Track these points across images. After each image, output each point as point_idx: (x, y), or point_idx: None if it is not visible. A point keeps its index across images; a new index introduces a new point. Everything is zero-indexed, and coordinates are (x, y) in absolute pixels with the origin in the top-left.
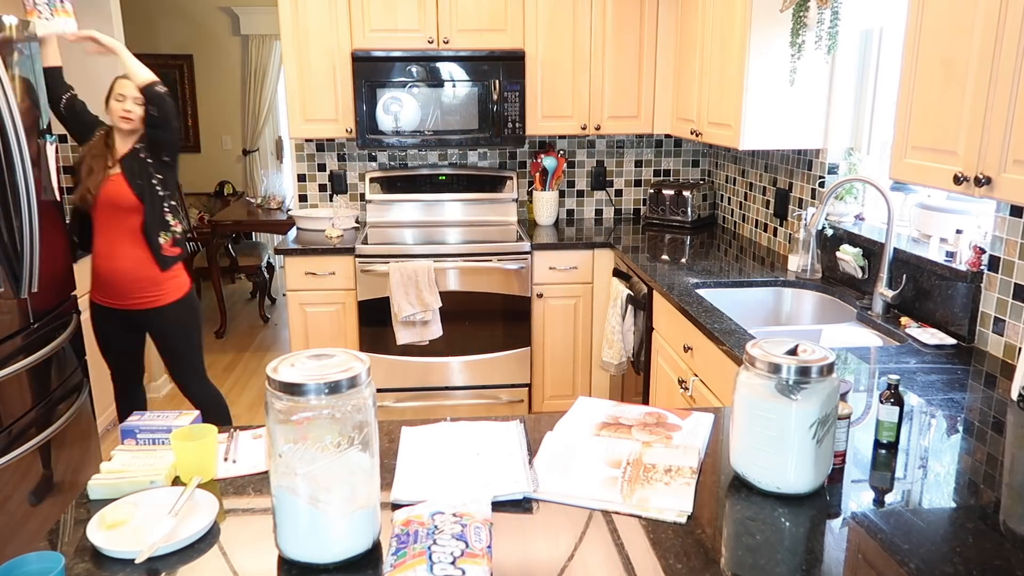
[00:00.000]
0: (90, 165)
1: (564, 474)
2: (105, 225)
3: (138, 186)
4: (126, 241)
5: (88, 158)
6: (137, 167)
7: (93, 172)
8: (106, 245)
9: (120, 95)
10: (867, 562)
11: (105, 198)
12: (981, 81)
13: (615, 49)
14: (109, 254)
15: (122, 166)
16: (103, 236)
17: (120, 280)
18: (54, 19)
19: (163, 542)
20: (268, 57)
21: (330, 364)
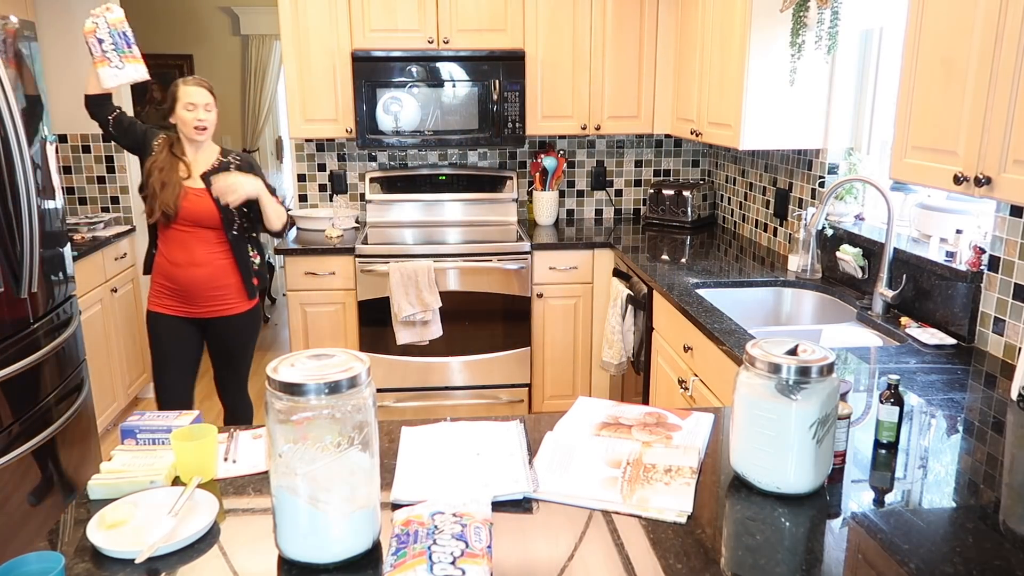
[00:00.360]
0: (162, 179)
1: (564, 474)
2: (185, 236)
3: (224, 208)
4: (208, 249)
5: (156, 172)
6: None
7: (167, 186)
8: (186, 253)
9: (190, 104)
10: (867, 562)
11: (187, 214)
12: (981, 81)
13: (615, 49)
14: (191, 261)
15: (206, 182)
16: (182, 245)
17: (200, 287)
18: (125, 67)
19: (163, 542)
20: (268, 57)
21: (330, 364)
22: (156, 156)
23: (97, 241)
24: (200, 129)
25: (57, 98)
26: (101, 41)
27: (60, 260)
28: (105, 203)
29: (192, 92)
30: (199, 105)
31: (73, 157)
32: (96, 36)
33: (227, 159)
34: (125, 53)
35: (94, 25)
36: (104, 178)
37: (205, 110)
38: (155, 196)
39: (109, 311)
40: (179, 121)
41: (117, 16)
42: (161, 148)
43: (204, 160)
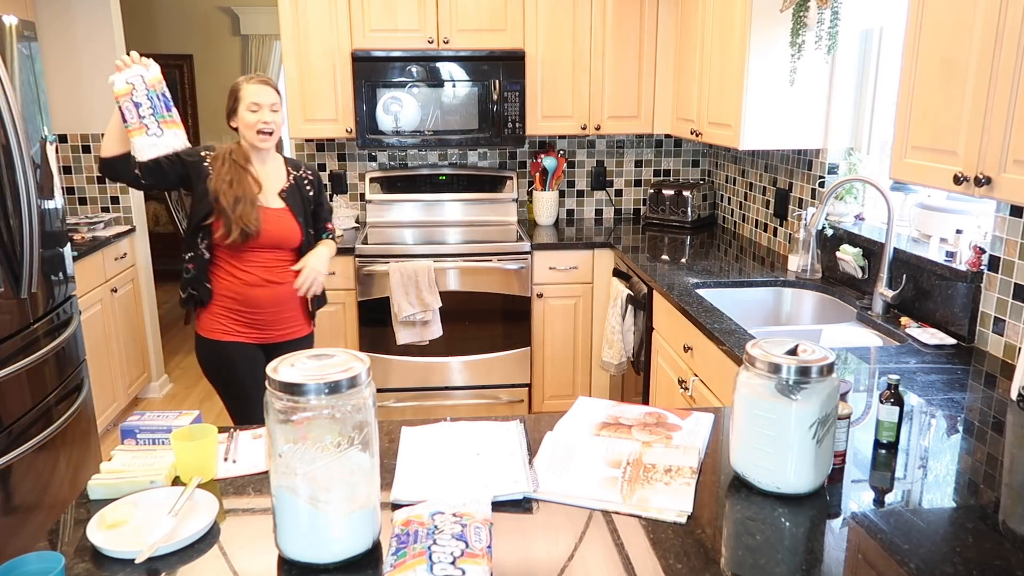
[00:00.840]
0: (234, 194)
1: (564, 474)
2: (261, 256)
3: (303, 224)
4: (282, 269)
5: (225, 187)
6: (300, 201)
7: (241, 201)
8: (262, 275)
9: (254, 104)
10: (867, 562)
11: (269, 237)
12: (981, 81)
13: (615, 49)
14: (267, 283)
15: (285, 200)
16: (254, 266)
17: (276, 310)
18: (164, 134)
19: (163, 542)
20: (268, 57)
21: (330, 364)
22: (219, 170)
23: (97, 241)
24: (265, 133)
25: (57, 98)
26: (138, 105)
27: (60, 260)
28: (105, 203)
29: (256, 91)
30: (264, 105)
31: (73, 157)
32: (132, 99)
33: (299, 173)
34: (164, 118)
35: (129, 86)
36: (104, 178)
37: (271, 111)
38: (229, 214)
39: (109, 311)
40: (241, 124)
41: (156, 75)
42: (221, 161)
43: (274, 173)
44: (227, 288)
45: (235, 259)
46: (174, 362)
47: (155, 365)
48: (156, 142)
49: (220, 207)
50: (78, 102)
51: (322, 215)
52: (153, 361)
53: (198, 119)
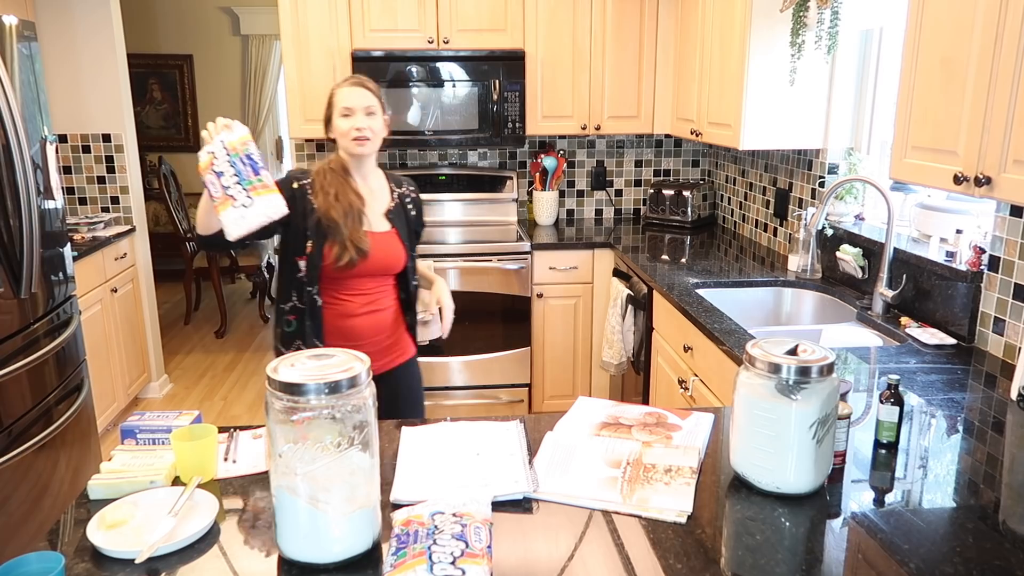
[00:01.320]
0: (343, 208)
1: (564, 474)
2: (361, 283)
3: (408, 247)
4: (384, 295)
5: (332, 200)
6: (405, 222)
7: (350, 216)
8: (362, 303)
9: (346, 109)
10: (867, 562)
11: (376, 263)
12: (981, 81)
13: (615, 49)
14: (370, 311)
15: (391, 222)
16: (355, 294)
17: (378, 339)
18: (255, 203)
19: (163, 542)
20: (268, 57)
21: (330, 364)
22: (321, 184)
23: (97, 241)
24: (360, 140)
25: (57, 98)
26: (220, 175)
27: (60, 260)
28: (105, 203)
29: (348, 94)
30: (357, 109)
31: (73, 157)
32: (214, 170)
33: (401, 190)
34: (252, 184)
35: (210, 156)
36: (104, 178)
37: (365, 115)
38: (342, 231)
39: (109, 311)
40: (336, 133)
41: (239, 136)
42: (322, 175)
43: (378, 192)
44: (327, 322)
45: (334, 287)
46: (174, 362)
47: (155, 365)
48: (245, 214)
49: (330, 225)
50: (78, 102)
51: (420, 235)
52: (153, 361)
53: (198, 119)
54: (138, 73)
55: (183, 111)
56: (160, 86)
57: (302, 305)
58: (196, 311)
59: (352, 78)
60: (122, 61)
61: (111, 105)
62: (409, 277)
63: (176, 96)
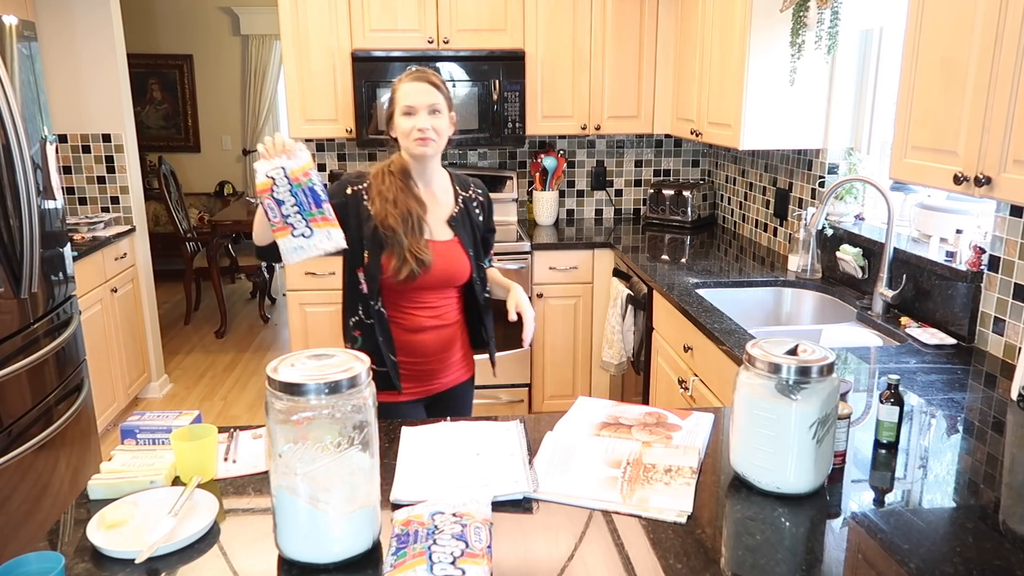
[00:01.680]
0: (400, 214)
1: (564, 474)
2: (424, 296)
3: (473, 257)
4: (448, 308)
5: (389, 207)
6: (470, 229)
7: (406, 227)
8: (427, 317)
9: (408, 107)
10: (867, 562)
11: (438, 271)
12: (981, 81)
13: (615, 49)
14: (435, 326)
15: (454, 229)
16: (419, 308)
17: (443, 355)
18: (314, 234)
19: (163, 542)
20: (268, 57)
21: (330, 364)
22: (378, 188)
23: (97, 241)
24: (422, 141)
25: (57, 98)
26: (280, 203)
27: (60, 260)
28: (105, 203)
29: (411, 90)
30: (420, 107)
31: (73, 157)
32: (273, 196)
33: (467, 194)
34: (312, 215)
35: (270, 180)
36: (104, 178)
37: (429, 113)
38: (401, 240)
39: (109, 311)
40: (398, 133)
41: (302, 165)
42: (380, 177)
43: (441, 196)
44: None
45: (398, 300)
46: (174, 362)
47: (155, 365)
48: (303, 244)
49: (388, 234)
50: (78, 102)
51: (491, 241)
52: (153, 361)
53: (198, 119)
54: (138, 73)
55: (183, 111)
56: (160, 86)
57: (368, 320)
58: (196, 311)
59: (415, 72)
60: (122, 61)
61: (111, 105)
62: (476, 289)
63: (176, 96)
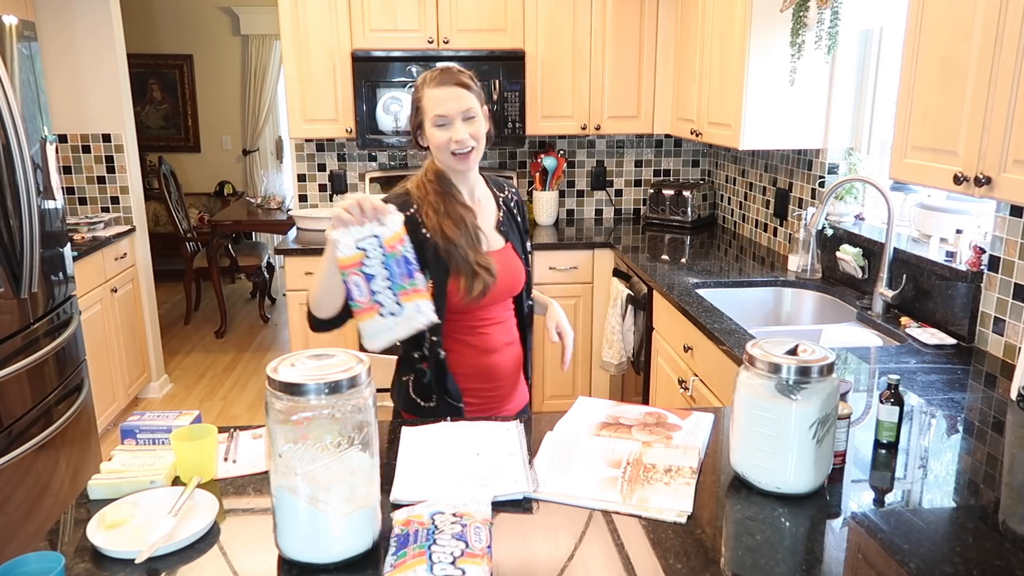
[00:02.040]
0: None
1: (564, 474)
2: (489, 312)
3: (526, 259)
4: (512, 320)
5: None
6: (517, 233)
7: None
8: (498, 335)
9: (440, 117)
10: (867, 562)
11: (503, 281)
12: (981, 81)
13: (615, 49)
14: (507, 343)
15: (504, 235)
16: (488, 325)
17: (516, 377)
18: (404, 310)
19: (163, 542)
20: (268, 57)
21: (330, 364)
22: (427, 200)
23: (97, 241)
24: (462, 156)
25: (57, 98)
26: (370, 278)
27: (60, 260)
28: (105, 203)
29: (440, 98)
30: (454, 116)
31: (73, 157)
32: (363, 270)
33: (505, 195)
34: (404, 288)
35: (360, 253)
36: (104, 178)
37: (464, 121)
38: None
39: (109, 311)
40: (431, 144)
41: (395, 231)
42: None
43: (484, 200)
44: (464, 364)
45: (462, 321)
46: (174, 362)
47: (155, 365)
48: (392, 324)
49: (449, 249)
50: (78, 102)
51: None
52: (153, 361)
53: (198, 120)
54: (138, 73)
55: (183, 111)
56: (160, 86)
57: (436, 351)
58: (196, 311)
59: (440, 73)
60: (122, 61)
61: (111, 105)
62: (523, 298)
63: (176, 96)
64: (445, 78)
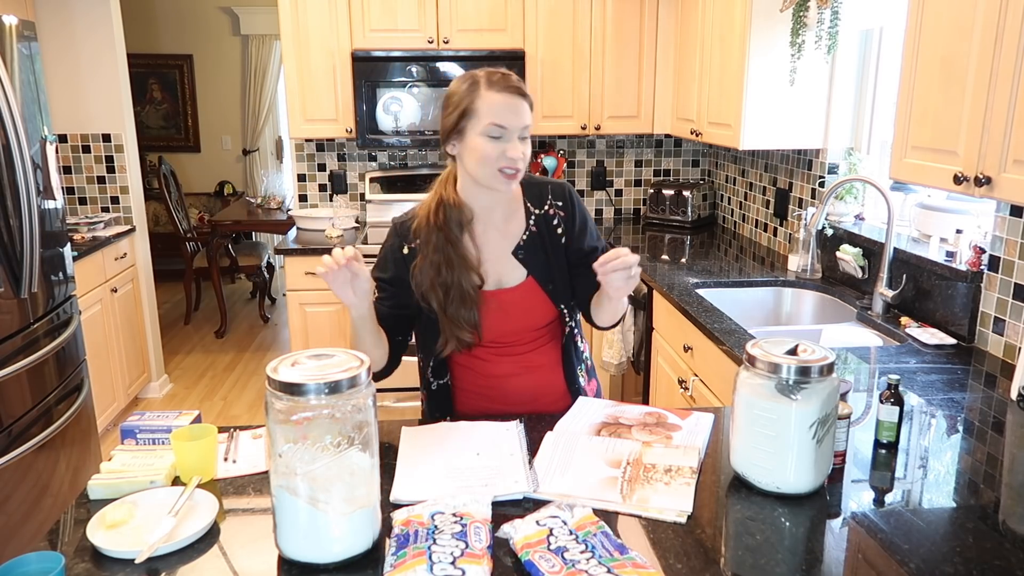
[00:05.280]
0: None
1: (564, 474)
2: (506, 345)
3: (552, 292)
4: (540, 347)
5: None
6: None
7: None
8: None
9: (498, 126)
10: (867, 562)
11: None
12: (981, 81)
13: (615, 49)
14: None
15: (523, 262)
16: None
17: (535, 398)
18: None
19: (163, 542)
20: (268, 57)
21: (330, 364)
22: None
23: (97, 241)
24: (511, 176)
25: (57, 98)
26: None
27: (60, 260)
28: (105, 203)
29: (504, 106)
30: (512, 130)
31: (73, 157)
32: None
33: (542, 211)
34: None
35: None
36: (104, 178)
37: (521, 138)
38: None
39: (109, 311)
40: (473, 154)
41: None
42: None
43: (505, 223)
44: (470, 382)
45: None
46: (174, 362)
47: (155, 365)
48: None
49: (430, 306)
50: (78, 102)
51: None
52: (153, 361)
53: (198, 120)
54: (138, 73)
55: (183, 111)
56: (160, 86)
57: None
58: (196, 311)
59: (501, 77)
60: (122, 61)
61: (111, 105)
62: (562, 325)
63: (176, 96)
64: (509, 85)
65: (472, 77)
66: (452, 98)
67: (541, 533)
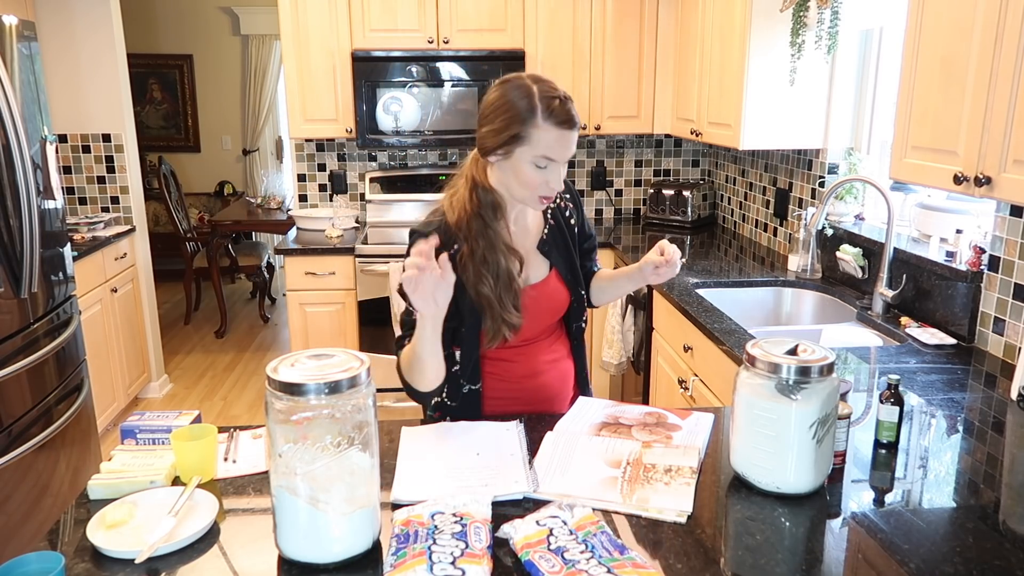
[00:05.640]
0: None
1: (564, 474)
2: (534, 338)
3: (571, 283)
4: (560, 337)
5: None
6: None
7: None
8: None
9: (546, 158)
10: (867, 562)
11: (533, 319)
12: (981, 81)
13: (615, 49)
14: (550, 363)
15: (547, 255)
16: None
17: (562, 396)
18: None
19: (163, 542)
20: (268, 57)
21: (330, 364)
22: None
23: (97, 241)
24: (547, 199)
25: (57, 98)
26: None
27: (60, 260)
28: (105, 203)
29: (560, 139)
30: (560, 162)
31: (73, 157)
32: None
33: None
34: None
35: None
36: (104, 178)
37: (564, 163)
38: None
39: (109, 311)
40: (517, 178)
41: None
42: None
43: (530, 219)
44: (496, 389)
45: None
46: (174, 362)
47: (155, 365)
48: None
49: (480, 301)
50: (78, 102)
51: (592, 245)
52: (153, 361)
53: (198, 120)
54: (138, 73)
55: (183, 111)
56: (160, 86)
57: (452, 403)
58: (196, 311)
59: (562, 109)
60: (122, 61)
61: (111, 105)
62: (571, 320)
63: (176, 96)
64: (570, 119)
65: (528, 94)
66: (503, 112)
67: (541, 533)
